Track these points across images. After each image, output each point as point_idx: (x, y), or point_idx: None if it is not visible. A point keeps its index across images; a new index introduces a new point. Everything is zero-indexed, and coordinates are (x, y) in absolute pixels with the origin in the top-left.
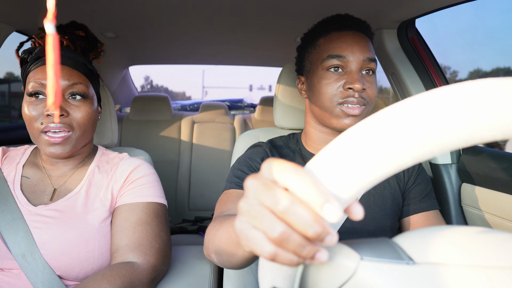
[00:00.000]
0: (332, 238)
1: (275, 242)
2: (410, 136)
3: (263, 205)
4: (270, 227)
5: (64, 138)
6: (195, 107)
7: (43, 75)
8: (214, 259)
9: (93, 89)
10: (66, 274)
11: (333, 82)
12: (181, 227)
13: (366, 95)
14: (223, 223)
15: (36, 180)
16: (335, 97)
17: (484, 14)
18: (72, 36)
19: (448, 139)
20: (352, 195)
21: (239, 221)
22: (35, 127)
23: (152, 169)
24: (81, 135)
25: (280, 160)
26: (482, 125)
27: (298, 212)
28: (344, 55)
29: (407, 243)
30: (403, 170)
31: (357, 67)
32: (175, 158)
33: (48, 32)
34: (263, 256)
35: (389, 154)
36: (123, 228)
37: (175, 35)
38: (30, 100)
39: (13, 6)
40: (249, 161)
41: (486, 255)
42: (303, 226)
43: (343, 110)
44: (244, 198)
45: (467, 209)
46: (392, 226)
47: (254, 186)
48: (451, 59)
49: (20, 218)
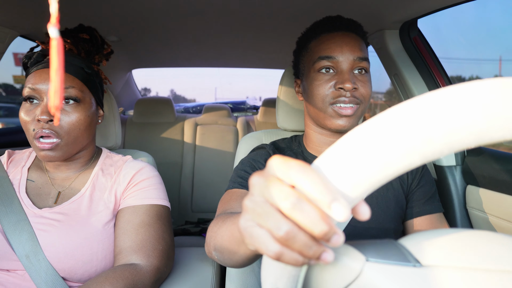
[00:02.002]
0: (338, 238)
1: (281, 241)
2: (420, 134)
3: (268, 202)
4: (276, 225)
5: (52, 144)
6: (198, 109)
7: (36, 80)
8: (214, 256)
9: (91, 93)
10: (69, 276)
11: (324, 83)
12: (184, 228)
13: (359, 94)
14: (225, 220)
15: (41, 183)
16: (327, 97)
17: (486, 13)
18: (75, 39)
19: (458, 138)
20: (360, 195)
21: (243, 219)
22: (28, 133)
23: (156, 172)
24: (71, 141)
25: (287, 158)
26: (492, 124)
27: (305, 209)
28: (333, 56)
29: (414, 245)
30: (407, 172)
31: (347, 67)
32: (178, 160)
33: (52, 37)
34: (267, 255)
35: (398, 152)
36: (126, 230)
37: (177, 38)
38: (24, 105)
39: (17, 11)
40: (252, 162)
41: (493, 258)
42: (310, 224)
43: (335, 111)
44: (249, 195)
45: (472, 211)
46: (396, 229)
47: (260, 183)
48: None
49: (24, 220)
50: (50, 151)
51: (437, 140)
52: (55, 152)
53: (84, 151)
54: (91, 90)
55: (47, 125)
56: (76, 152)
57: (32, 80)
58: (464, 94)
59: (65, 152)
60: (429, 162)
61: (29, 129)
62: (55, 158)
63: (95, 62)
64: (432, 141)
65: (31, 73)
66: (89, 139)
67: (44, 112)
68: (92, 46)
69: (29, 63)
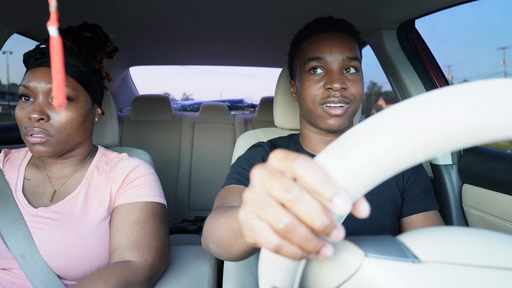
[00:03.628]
0: (339, 232)
1: (280, 233)
2: (423, 130)
3: (270, 194)
4: (276, 217)
5: (42, 139)
6: (195, 108)
7: (30, 78)
8: (211, 249)
9: (86, 91)
10: (64, 273)
11: (314, 83)
12: (181, 227)
13: (349, 94)
14: (223, 213)
15: (37, 181)
16: (317, 97)
17: (484, 14)
18: (77, 37)
19: (459, 135)
20: (361, 190)
21: (243, 211)
22: (22, 130)
23: (151, 169)
24: (63, 139)
25: (289, 151)
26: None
27: (306, 202)
28: (322, 57)
29: (412, 241)
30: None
31: (337, 67)
32: (175, 158)
33: (52, 35)
34: (267, 248)
35: (400, 149)
36: (121, 227)
37: (175, 36)
38: (20, 102)
39: (13, 8)
40: (250, 159)
41: (491, 256)
42: (311, 216)
43: (325, 111)
44: (250, 187)
45: (468, 210)
46: (392, 226)
47: (262, 175)
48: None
49: (20, 219)
50: (40, 146)
51: (440, 136)
52: (46, 147)
53: (79, 148)
54: (86, 88)
55: (38, 123)
56: (69, 149)
57: (27, 78)
58: (462, 94)
59: (57, 148)
60: (432, 158)
61: (21, 126)
62: (46, 153)
63: (96, 60)
64: (434, 137)
65: (28, 70)
66: (84, 137)
67: (36, 111)
68: (94, 44)
69: (29, 60)
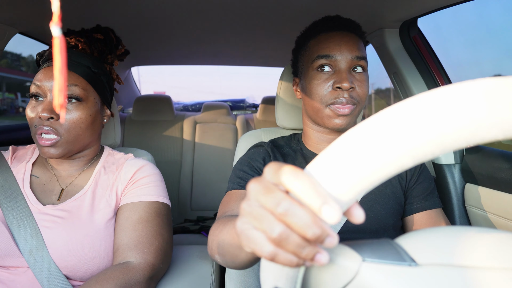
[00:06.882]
0: (332, 240)
1: (275, 242)
2: (411, 136)
3: (263, 207)
4: (270, 227)
5: (52, 141)
6: (197, 108)
7: (41, 77)
8: (218, 259)
9: (96, 92)
10: (72, 273)
11: (323, 82)
12: (183, 227)
13: (356, 94)
14: (226, 224)
15: (45, 179)
16: (325, 97)
17: (487, 12)
18: (89, 39)
19: (448, 139)
20: (352, 197)
21: (240, 222)
22: (32, 129)
23: (156, 170)
24: (72, 139)
25: (281, 163)
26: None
27: (297, 214)
28: (332, 55)
29: (409, 244)
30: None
31: (345, 66)
32: (177, 158)
33: (54, 35)
34: (262, 256)
35: (389, 155)
36: (124, 227)
37: (176, 36)
38: (31, 101)
39: (15, 8)
40: (250, 161)
41: (488, 256)
42: (302, 227)
43: (333, 110)
44: (246, 200)
45: (470, 209)
46: (395, 225)
47: (256, 189)
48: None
49: (29, 216)
50: (51, 148)
51: (428, 141)
52: (55, 149)
53: (88, 149)
54: (96, 89)
55: (48, 122)
56: (78, 150)
57: (38, 77)
58: (455, 94)
59: (66, 149)
60: (420, 163)
61: (32, 125)
62: (56, 155)
63: (107, 61)
64: (423, 142)
65: (39, 70)
66: (92, 137)
67: (46, 110)
68: (106, 46)
69: (41, 60)
